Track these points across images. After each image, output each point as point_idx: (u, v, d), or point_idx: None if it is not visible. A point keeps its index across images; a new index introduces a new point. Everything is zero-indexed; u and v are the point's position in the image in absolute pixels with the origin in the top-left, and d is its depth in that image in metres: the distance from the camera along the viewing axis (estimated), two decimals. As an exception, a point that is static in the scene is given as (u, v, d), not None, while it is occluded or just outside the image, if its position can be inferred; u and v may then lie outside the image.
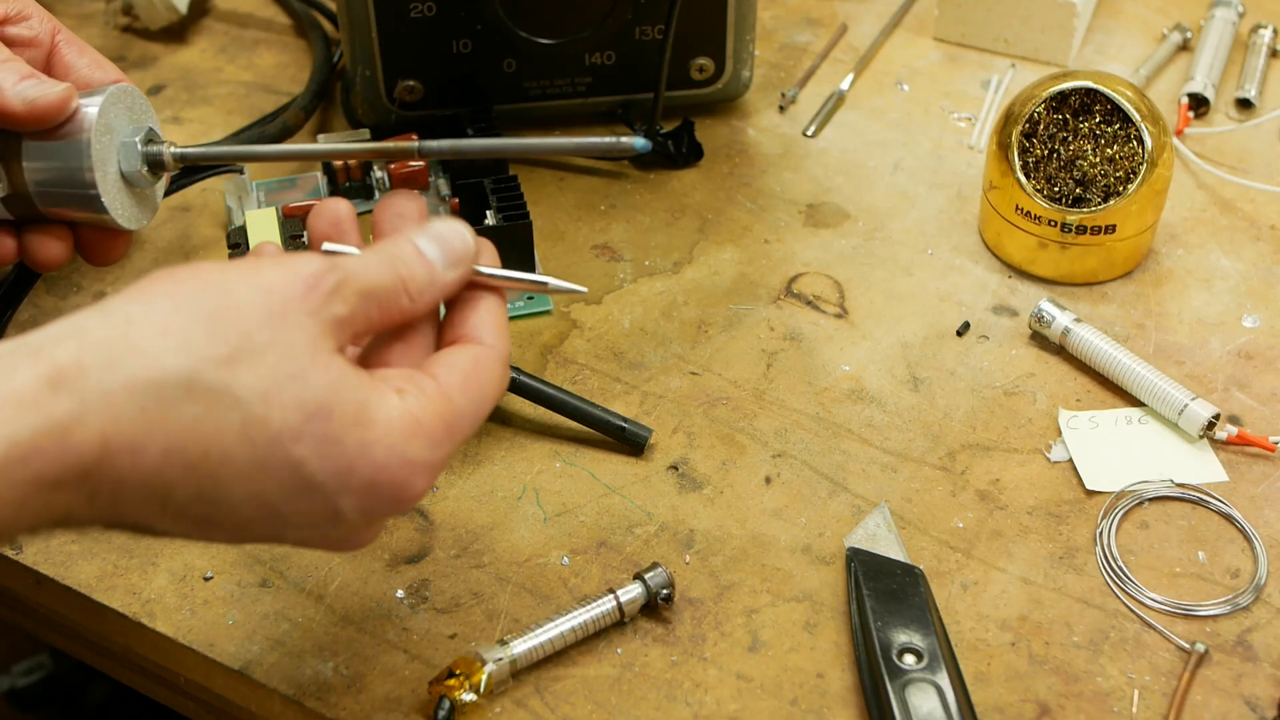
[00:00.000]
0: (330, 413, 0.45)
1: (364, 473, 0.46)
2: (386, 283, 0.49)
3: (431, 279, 0.50)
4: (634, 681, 0.60)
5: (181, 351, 0.44)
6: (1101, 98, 0.75)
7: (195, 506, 0.45)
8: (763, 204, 0.84)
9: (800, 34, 0.98)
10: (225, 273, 0.46)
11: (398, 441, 0.47)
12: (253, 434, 0.44)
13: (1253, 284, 0.78)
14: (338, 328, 0.47)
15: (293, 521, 0.47)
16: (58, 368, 0.42)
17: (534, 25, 0.83)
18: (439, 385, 0.49)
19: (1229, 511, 0.66)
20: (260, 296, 0.45)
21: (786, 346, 0.75)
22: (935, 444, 0.70)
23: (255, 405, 0.44)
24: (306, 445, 0.45)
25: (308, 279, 0.46)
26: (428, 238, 0.51)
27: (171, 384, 0.43)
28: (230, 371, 0.44)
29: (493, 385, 0.51)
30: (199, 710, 0.67)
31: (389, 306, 0.49)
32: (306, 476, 0.45)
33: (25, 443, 0.41)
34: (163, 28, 0.98)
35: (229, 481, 0.44)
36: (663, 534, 0.66)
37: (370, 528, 0.50)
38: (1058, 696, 0.59)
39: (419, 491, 0.48)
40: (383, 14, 0.82)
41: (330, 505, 0.46)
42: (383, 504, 0.47)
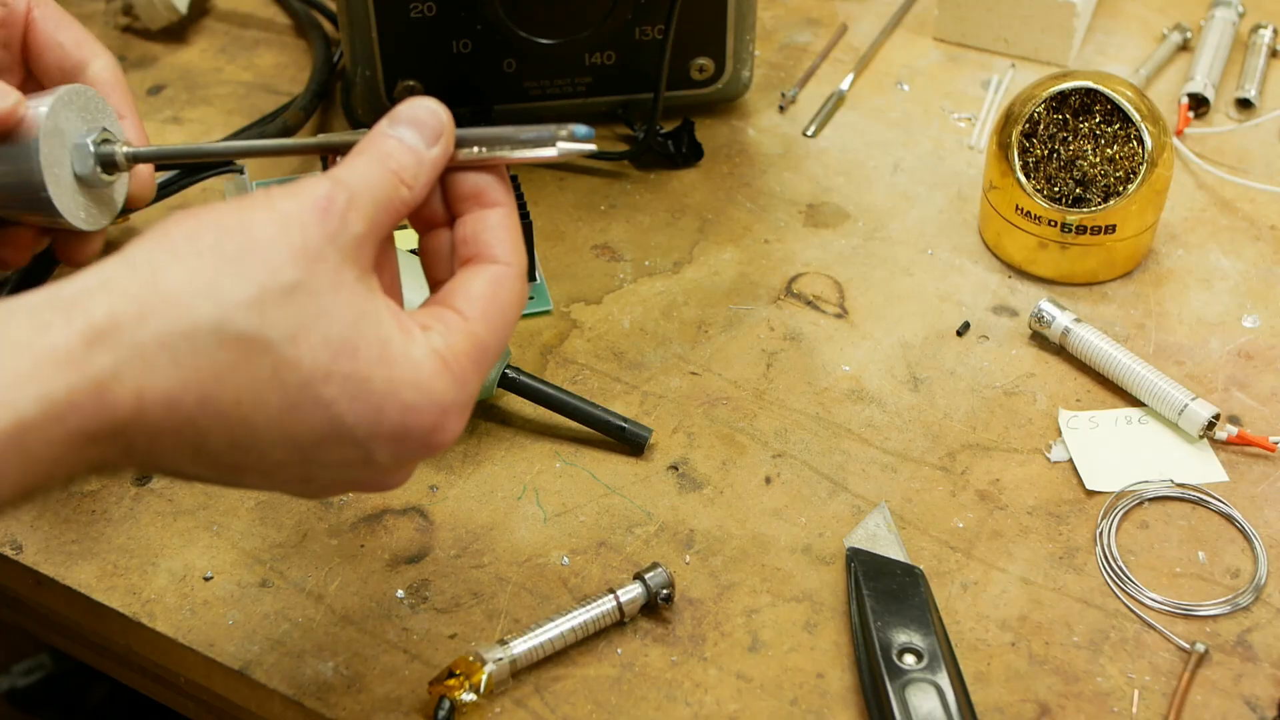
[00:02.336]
0: (356, 350, 0.45)
1: (393, 414, 0.46)
2: (385, 181, 0.49)
3: (420, 161, 0.50)
4: (634, 681, 0.60)
5: (209, 298, 0.43)
6: (1101, 98, 0.75)
7: (228, 454, 0.45)
8: (763, 204, 0.84)
9: (800, 34, 0.98)
10: (241, 212, 0.46)
11: (426, 380, 0.47)
12: (284, 377, 0.44)
13: (1253, 284, 0.78)
14: (358, 249, 0.47)
15: (324, 463, 0.47)
16: (92, 324, 0.42)
17: (534, 25, 0.83)
18: (463, 320, 0.49)
19: (1229, 511, 0.66)
20: (279, 231, 0.45)
21: (786, 346, 0.75)
22: (935, 444, 0.70)
23: (285, 347, 0.44)
24: (336, 385, 0.45)
25: (320, 201, 0.46)
26: (402, 124, 0.51)
27: (203, 333, 0.43)
28: (259, 314, 0.44)
29: (514, 307, 0.51)
30: (199, 710, 0.67)
31: (394, 205, 0.49)
32: (337, 417, 0.45)
33: (62, 400, 0.41)
34: (163, 28, 0.98)
35: (261, 427, 0.45)
36: (663, 534, 0.66)
37: (400, 470, 0.50)
38: (1058, 696, 0.59)
39: (452, 435, 0.48)
40: (383, 14, 0.82)
41: (362, 449, 0.46)
42: (414, 447, 0.47)
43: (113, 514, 0.67)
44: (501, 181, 0.53)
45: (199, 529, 0.66)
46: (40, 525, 0.66)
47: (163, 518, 0.67)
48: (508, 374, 0.69)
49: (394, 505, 0.67)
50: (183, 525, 0.66)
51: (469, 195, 0.52)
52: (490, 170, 0.52)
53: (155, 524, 0.66)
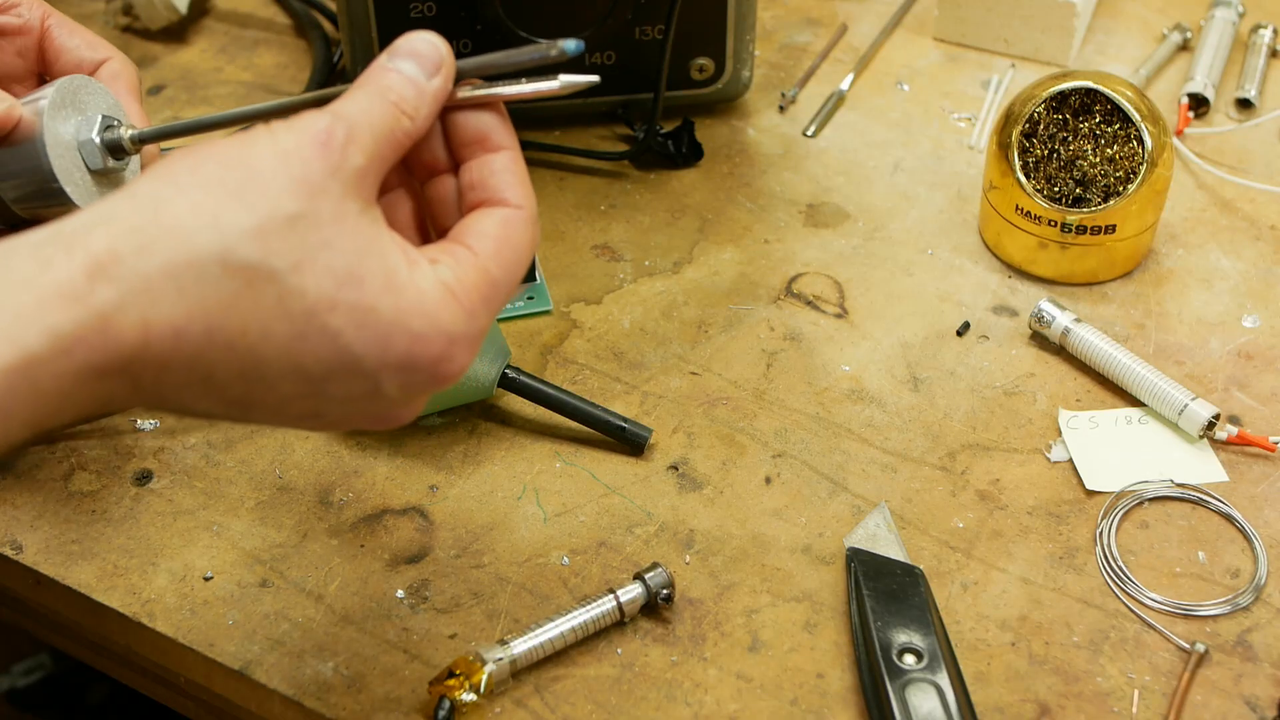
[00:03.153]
0: (361, 280, 0.45)
1: (400, 343, 0.46)
2: (385, 114, 0.49)
3: (420, 91, 0.50)
4: (634, 681, 0.60)
5: (213, 229, 0.43)
6: (1101, 98, 0.75)
7: (237, 385, 0.45)
8: (763, 204, 0.84)
9: (800, 34, 0.98)
10: (243, 146, 0.46)
11: (433, 309, 0.46)
12: (289, 306, 0.44)
13: (1253, 284, 0.78)
14: (361, 181, 0.47)
15: (332, 395, 0.46)
16: (93, 257, 0.42)
17: (534, 25, 0.83)
18: (473, 255, 0.49)
19: (1229, 511, 0.66)
20: (280, 164, 0.45)
21: (786, 346, 0.75)
22: (935, 444, 0.70)
23: (289, 276, 0.44)
24: (342, 314, 0.45)
25: (319, 135, 0.46)
26: (400, 56, 0.50)
27: (207, 262, 0.43)
28: (263, 244, 0.44)
29: (525, 248, 0.50)
30: (199, 710, 0.67)
31: (396, 136, 0.49)
32: (344, 347, 0.45)
33: (68, 334, 0.41)
34: (163, 28, 0.98)
35: (269, 357, 0.44)
36: (663, 534, 0.66)
37: (409, 403, 0.49)
38: (1058, 696, 0.59)
39: (460, 364, 0.47)
40: (383, 14, 0.82)
41: (370, 380, 0.46)
42: (422, 377, 0.47)
43: (113, 514, 0.67)
44: (505, 124, 0.52)
45: (199, 529, 0.66)
46: (40, 525, 0.66)
47: (163, 518, 0.67)
48: (508, 374, 0.69)
49: (394, 505, 0.67)
50: (183, 525, 0.66)
51: (473, 140, 0.52)
52: (492, 112, 0.52)
53: (155, 524, 0.66)
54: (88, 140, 0.61)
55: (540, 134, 0.89)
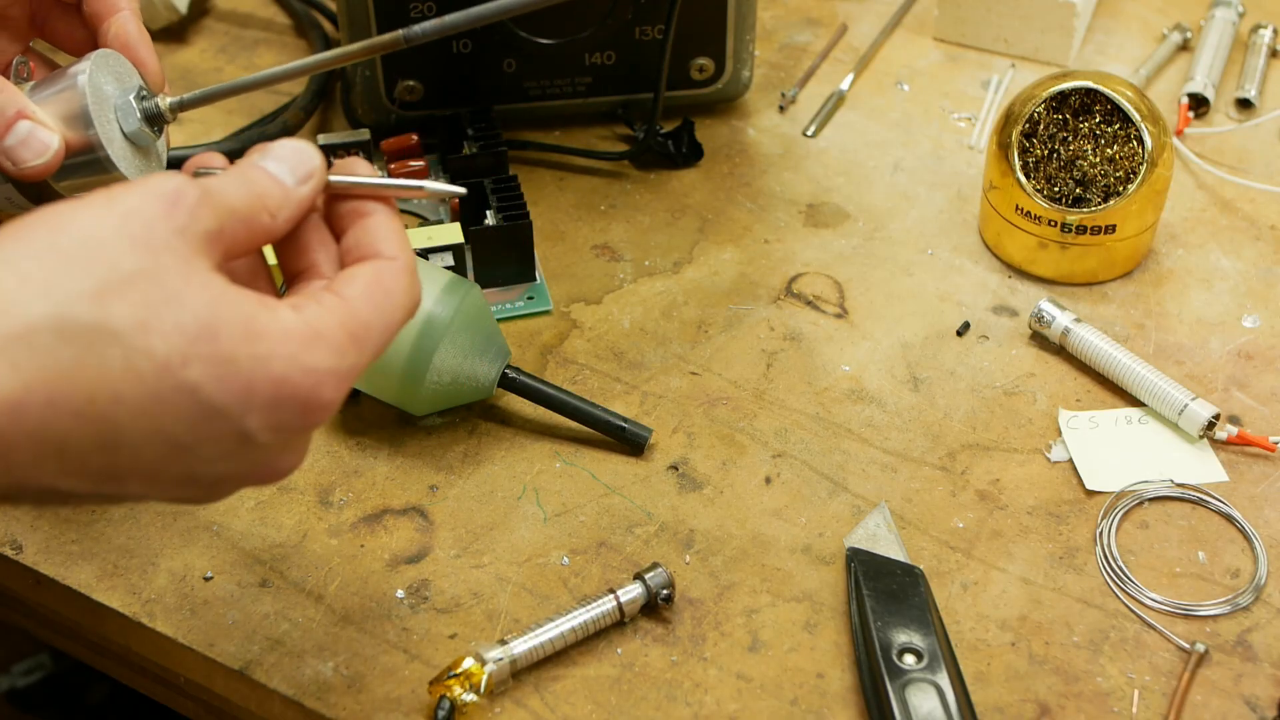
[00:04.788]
0: (216, 333, 0.43)
1: (264, 389, 0.44)
2: (246, 199, 0.47)
3: (286, 194, 0.49)
4: (634, 681, 0.60)
5: (44, 296, 0.41)
6: (1101, 98, 0.75)
7: (96, 457, 0.43)
8: (763, 204, 0.84)
9: (800, 34, 0.98)
10: (76, 209, 0.44)
11: (296, 351, 0.44)
12: (138, 366, 0.42)
13: (1253, 284, 0.78)
14: (209, 244, 0.45)
15: (203, 454, 0.44)
16: None
17: (534, 25, 0.83)
18: (339, 297, 0.47)
19: (1229, 511, 0.66)
20: (118, 223, 0.43)
21: (786, 346, 0.75)
22: (935, 444, 0.70)
23: (134, 337, 0.42)
24: (197, 368, 0.43)
25: (168, 195, 0.44)
26: (271, 158, 0.49)
27: (40, 331, 0.41)
28: (100, 306, 0.42)
29: (400, 294, 0.49)
30: (199, 710, 0.67)
31: (253, 223, 0.47)
32: (204, 400, 0.43)
33: None
34: (163, 28, 0.98)
35: (124, 422, 0.42)
36: (663, 534, 0.66)
37: (289, 449, 0.47)
38: (1058, 696, 0.59)
39: (328, 401, 0.45)
40: (383, 14, 0.82)
41: (235, 427, 0.44)
42: (291, 418, 0.45)
43: (113, 514, 0.67)
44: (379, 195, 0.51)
45: (199, 529, 0.66)
46: (40, 525, 0.66)
47: (163, 518, 0.67)
48: (508, 374, 0.69)
49: (394, 505, 0.67)
50: (183, 525, 0.66)
51: (349, 211, 0.51)
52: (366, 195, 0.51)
53: (155, 524, 0.66)
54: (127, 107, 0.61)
55: (540, 134, 0.89)
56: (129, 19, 0.64)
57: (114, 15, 0.64)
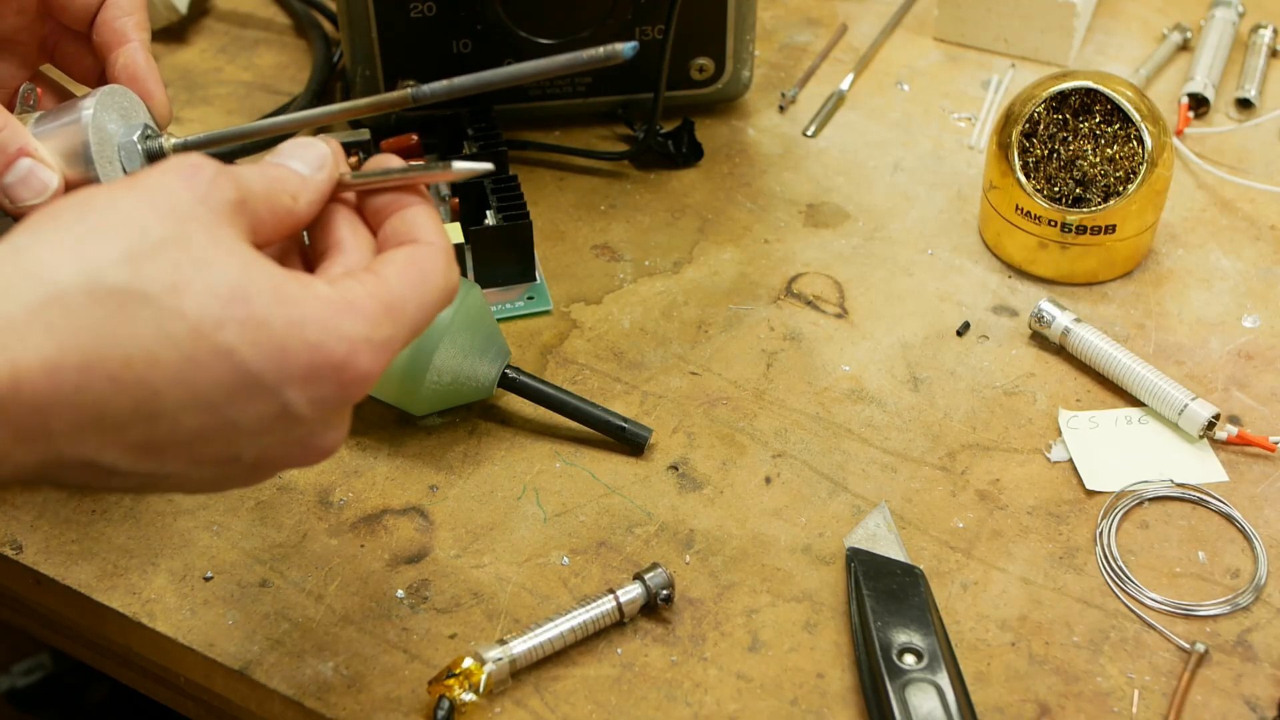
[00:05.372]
0: (247, 295, 0.43)
1: (299, 354, 0.44)
2: (265, 182, 0.48)
3: (304, 181, 0.50)
4: (634, 681, 0.60)
5: (76, 261, 0.42)
6: (1101, 98, 0.75)
7: (135, 426, 0.43)
8: (763, 204, 0.84)
9: (800, 34, 0.98)
10: (104, 190, 0.45)
11: (329, 317, 0.45)
12: (171, 329, 0.42)
13: (1253, 284, 0.78)
14: (233, 213, 0.45)
15: (243, 426, 0.44)
16: None
17: (534, 25, 0.83)
18: (374, 274, 0.48)
19: (1229, 511, 0.66)
20: (144, 197, 0.44)
21: (786, 346, 0.75)
22: (935, 444, 0.70)
23: (165, 298, 0.42)
24: (231, 330, 0.43)
25: (186, 169, 0.45)
26: (282, 156, 0.50)
27: (73, 294, 0.41)
28: (131, 268, 0.42)
29: (437, 276, 0.49)
30: (199, 710, 0.67)
31: (275, 205, 0.48)
32: (240, 365, 0.43)
33: None
34: (163, 28, 0.98)
35: (162, 388, 0.42)
36: (663, 534, 0.66)
37: (330, 426, 0.47)
38: (1058, 696, 0.59)
39: (365, 371, 0.45)
40: (383, 14, 0.82)
41: (277, 400, 0.44)
42: (329, 389, 0.45)
43: (113, 514, 0.67)
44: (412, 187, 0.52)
45: (199, 529, 0.66)
46: (40, 525, 0.66)
47: (163, 518, 0.67)
48: (508, 374, 0.69)
49: (394, 505, 0.67)
50: (183, 525, 0.66)
51: (383, 206, 0.52)
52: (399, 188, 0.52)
53: (155, 524, 0.66)
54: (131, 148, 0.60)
55: (540, 134, 0.89)
56: (138, 50, 0.64)
57: (123, 46, 0.64)
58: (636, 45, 0.51)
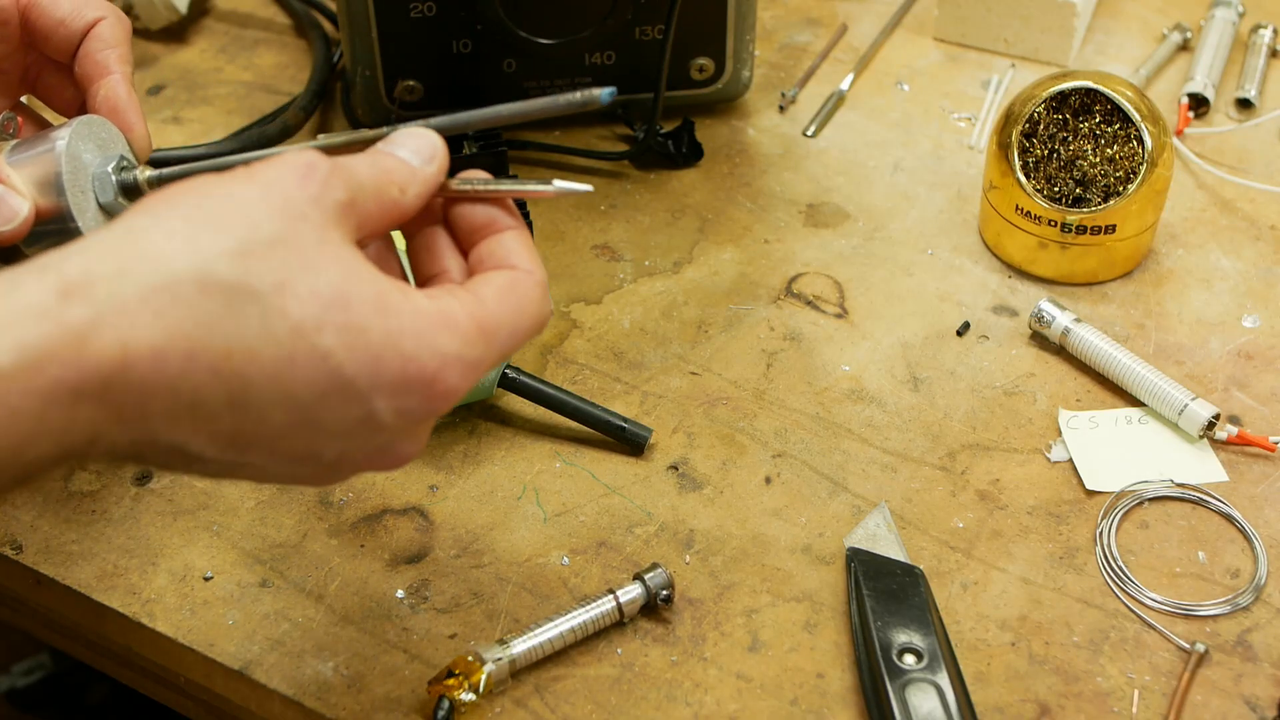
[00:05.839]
0: (348, 301, 0.44)
1: (393, 364, 0.45)
2: (374, 175, 0.49)
3: (413, 173, 0.50)
4: (634, 681, 0.60)
5: (190, 251, 0.43)
6: (1101, 98, 0.75)
7: (227, 416, 0.44)
8: (763, 204, 0.84)
9: (800, 34, 0.98)
10: (221, 179, 0.46)
11: (425, 330, 0.45)
12: (273, 326, 0.43)
13: (1253, 284, 0.78)
14: (342, 214, 0.46)
15: (327, 428, 0.45)
16: (65, 279, 0.41)
17: (534, 25, 0.83)
18: (472, 293, 0.48)
19: (1229, 511, 0.66)
20: (259, 191, 0.45)
21: (786, 346, 0.75)
22: (935, 444, 0.70)
23: (272, 296, 0.43)
24: (329, 334, 0.44)
25: (301, 168, 0.46)
26: (395, 145, 0.51)
27: (184, 283, 0.42)
28: (242, 264, 0.43)
29: (532, 304, 0.50)
30: (199, 710, 0.67)
31: (383, 198, 0.49)
32: (335, 368, 0.44)
33: (38, 348, 0.40)
34: (163, 28, 0.98)
35: (258, 382, 0.43)
36: (663, 534, 0.66)
37: (410, 435, 0.48)
38: (1058, 696, 0.59)
39: (453, 388, 0.46)
40: (383, 14, 0.82)
41: (364, 406, 0.45)
42: (416, 401, 0.46)
43: (113, 514, 0.67)
44: (509, 210, 0.52)
45: (199, 529, 0.66)
46: (40, 525, 0.66)
47: (163, 518, 0.67)
48: (508, 374, 0.69)
49: (394, 505, 0.67)
50: (183, 525, 0.66)
51: (479, 227, 0.52)
52: (496, 204, 0.52)
53: (155, 524, 0.66)
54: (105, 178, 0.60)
55: (540, 134, 0.89)
56: (119, 83, 0.64)
57: (104, 78, 0.64)
58: (614, 91, 0.52)
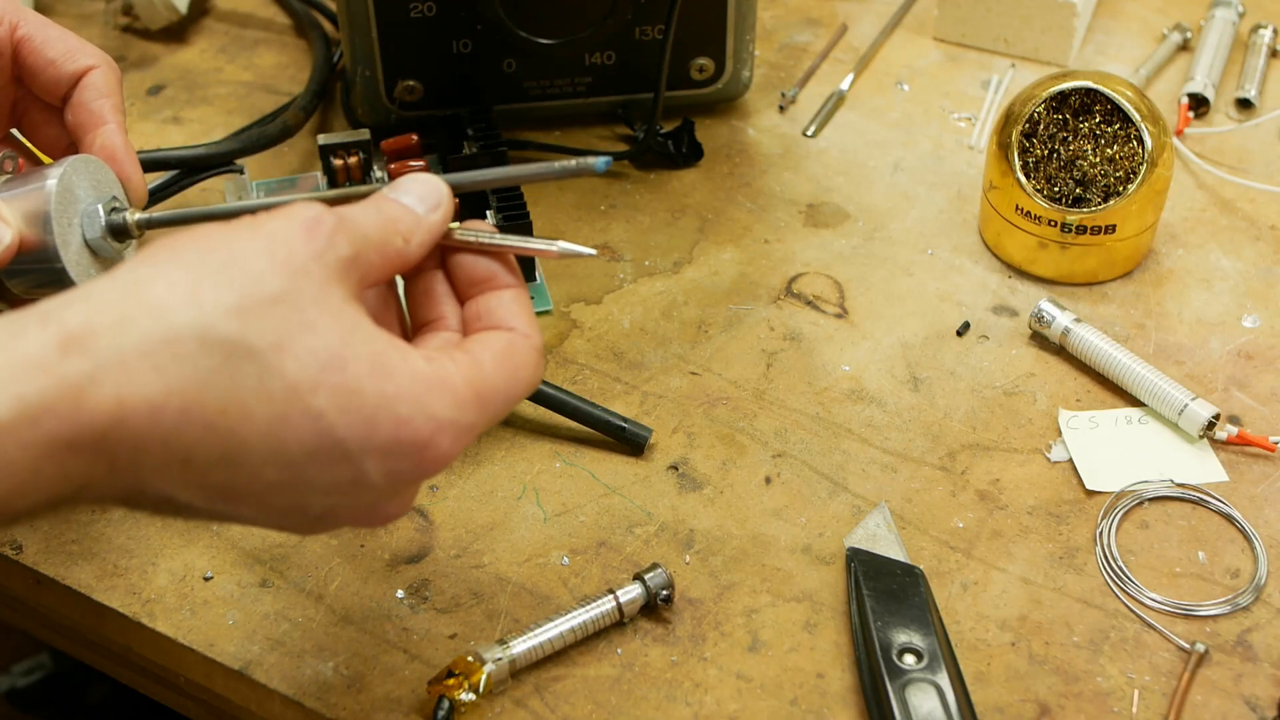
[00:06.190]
0: (345, 362, 0.44)
1: (386, 428, 0.45)
2: (379, 225, 0.49)
3: (417, 220, 0.50)
4: (634, 681, 0.60)
5: (192, 305, 0.43)
6: (1101, 98, 0.75)
7: (218, 471, 0.44)
8: (763, 204, 0.84)
9: (800, 34, 0.98)
10: (226, 230, 0.46)
11: (421, 395, 0.46)
12: (270, 386, 0.43)
13: (1253, 284, 0.78)
14: (344, 271, 0.46)
15: (316, 485, 0.45)
16: (67, 330, 0.42)
17: (534, 25, 0.83)
18: (470, 356, 0.48)
19: (1229, 511, 0.66)
20: (264, 245, 0.45)
21: (786, 346, 0.75)
22: (935, 444, 0.70)
23: (270, 355, 0.43)
24: (324, 396, 0.44)
25: (307, 222, 0.46)
26: (400, 190, 0.51)
27: (185, 339, 0.43)
28: (242, 322, 0.43)
29: (528, 370, 0.50)
30: (199, 710, 0.67)
31: (386, 249, 0.49)
32: (327, 429, 0.44)
33: (35, 403, 0.41)
34: (163, 28, 0.98)
35: (250, 439, 0.44)
36: (663, 534, 0.66)
37: (397, 496, 0.48)
38: (1058, 696, 0.59)
39: (445, 453, 0.47)
40: (383, 14, 0.82)
41: (353, 466, 0.45)
42: (407, 464, 0.46)
43: (113, 514, 0.67)
44: (510, 267, 0.52)
45: (199, 529, 0.66)
46: (40, 525, 0.66)
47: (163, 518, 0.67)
48: (508, 374, 0.69)
49: (394, 505, 0.67)
50: (183, 525, 0.66)
51: (479, 280, 0.52)
52: (497, 259, 0.52)
53: (155, 524, 0.66)
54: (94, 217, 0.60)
55: (540, 134, 0.89)
56: (115, 132, 0.64)
57: (100, 128, 0.64)
58: (609, 160, 0.52)
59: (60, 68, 0.64)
